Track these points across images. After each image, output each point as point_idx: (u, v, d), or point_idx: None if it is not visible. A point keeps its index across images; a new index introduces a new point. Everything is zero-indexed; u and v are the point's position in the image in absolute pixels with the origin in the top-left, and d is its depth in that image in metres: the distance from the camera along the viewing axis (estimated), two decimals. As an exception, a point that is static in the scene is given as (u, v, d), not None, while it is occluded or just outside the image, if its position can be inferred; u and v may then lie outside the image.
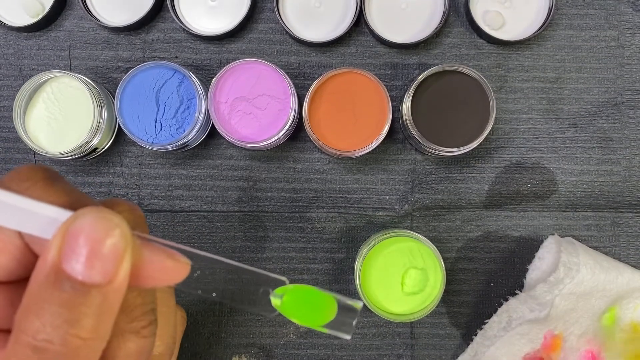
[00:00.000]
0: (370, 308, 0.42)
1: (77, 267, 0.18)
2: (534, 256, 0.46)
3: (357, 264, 0.43)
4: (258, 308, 0.24)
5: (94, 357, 0.20)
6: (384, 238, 0.43)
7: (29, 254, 0.21)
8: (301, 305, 0.24)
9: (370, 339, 0.46)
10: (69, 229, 0.19)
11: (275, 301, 0.24)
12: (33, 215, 0.19)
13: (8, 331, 0.20)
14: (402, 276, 0.43)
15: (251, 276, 0.23)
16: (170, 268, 0.21)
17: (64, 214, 0.19)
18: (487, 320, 0.44)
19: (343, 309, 0.25)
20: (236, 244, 0.47)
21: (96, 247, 0.19)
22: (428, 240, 0.43)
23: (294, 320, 0.24)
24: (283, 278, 0.24)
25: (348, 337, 0.25)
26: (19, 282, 0.21)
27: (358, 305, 0.25)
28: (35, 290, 0.19)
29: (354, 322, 0.25)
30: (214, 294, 0.23)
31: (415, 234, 0.43)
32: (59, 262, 0.18)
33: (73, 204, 0.20)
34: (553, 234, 0.46)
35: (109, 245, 0.19)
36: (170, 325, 0.28)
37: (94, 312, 0.19)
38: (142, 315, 0.22)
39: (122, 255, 0.19)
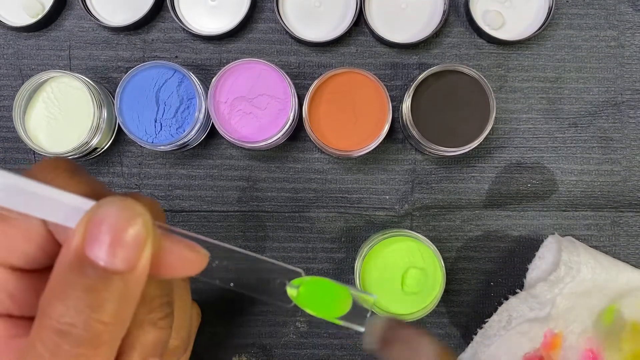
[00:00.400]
0: (370, 308, 0.42)
1: (99, 254, 0.19)
2: (534, 255, 0.46)
3: (357, 264, 0.43)
4: (274, 298, 0.24)
5: (114, 343, 0.20)
6: (384, 238, 0.43)
7: (53, 243, 0.22)
8: (317, 297, 0.25)
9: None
10: (92, 217, 0.19)
11: (291, 292, 0.24)
12: (57, 204, 0.20)
13: (31, 319, 0.20)
14: (402, 276, 0.43)
15: (268, 267, 0.24)
16: (189, 259, 0.22)
17: (87, 203, 0.20)
18: (487, 320, 0.44)
19: (358, 301, 0.25)
20: (236, 244, 0.46)
21: (119, 235, 0.19)
22: (428, 240, 0.43)
23: (309, 311, 0.25)
24: (299, 270, 0.24)
25: (362, 329, 0.25)
26: (42, 270, 0.21)
27: (372, 298, 0.25)
28: (60, 276, 0.19)
29: (368, 315, 0.25)
30: (231, 284, 0.24)
31: (415, 233, 0.43)
32: (83, 249, 0.19)
33: (96, 195, 0.21)
34: (553, 233, 0.46)
35: (132, 233, 0.19)
36: (186, 320, 0.28)
37: (115, 298, 0.19)
38: (159, 307, 0.23)
39: (144, 244, 0.20)
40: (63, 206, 0.20)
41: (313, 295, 0.24)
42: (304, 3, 0.47)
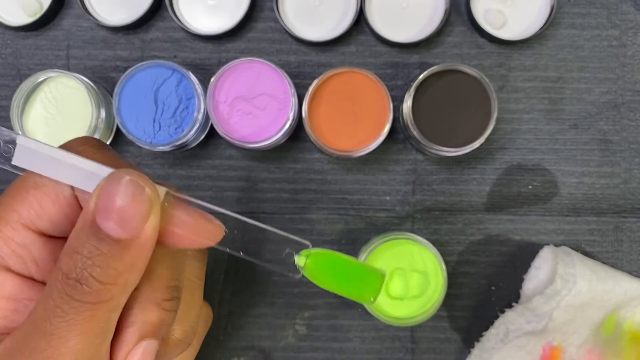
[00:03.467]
0: (370, 311, 0.42)
1: (106, 222, 0.21)
2: (529, 265, 0.46)
3: (358, 266, 0.43)
4: (283, 268, 0.25)
5: (114, 304, 0.22)
6: (385, 241, 0.42)
7: (78, 210, 0.24)
8: (325, 269, 0.25)
9: (369, 343, 0.46)
10: (104, 186, 0.22)
11: (299, 261, 0.25)
12: (81, 171, 0.23)
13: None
14: (403, 279, 0.43)
15: (277, 238, 0.25)
16: (204, 229, 0.24)
17: (106, 170, 0.22)
18: (484, 333, 0.43)
19: (367, 276, 0.25)
20: (236, 245, 0.46)
21: (123, 207, 0.21)
22: (429, 243, 0.42)
23: (317, 283, 0.25)
24: (307, 242, 0.25)
25: (372, 303, 0.26)
26: (65, 239, 0.23)
27: (382, 274, 0.25)
28: (75, 235, 0.22)
29: (378, 290, 0.25)
30: (241, 252, 0.25)
31: (417, 236, 0.42)
32: (94, 214, 0.21)
33: (116, 166, 0.23)
34: (549, 244, 0.45)
35: (136, 206, 0.21)
36: (193, 313, 0.29)
37: (116, 263, 0.21)
38: (165, 289, 0.24)
39: (147, 216, 0.22)
40: (85, 173, 0.22)
41: (321, 268, 0.25)
42: (304, 2, 0.47)
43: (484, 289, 0.46)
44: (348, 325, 0.46)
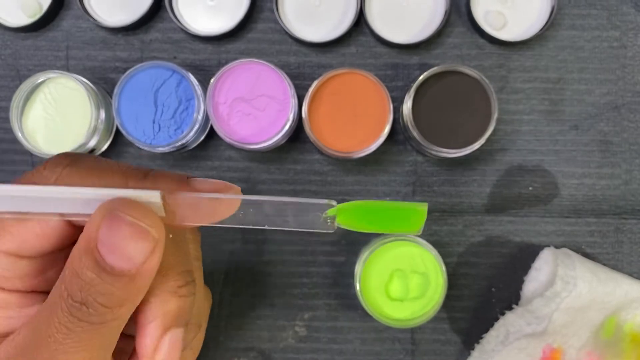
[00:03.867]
0: (370, 313, 0.42)
1: (109, 255, 0.21)
2: (529, 267, 0.45)
3: (358, 268, 0.43)
4: (315, 228, 0.24)
5: (120, 322, 0.22)
6: (385, 242, 0.42)
7: (67, 227, 0.23)
8: (357, 221, 0.24)
9: (370, 345, 0.46)
10: (105, 221, 0.21)
11: (332, 212, 0.23)
12: (63, 201, 0.22)
13: (39, 292, 0.24)
14: (403, 281, 0.43)
15: (298, 207, 0.23)
16: (219, 200, 0.23)
17: (91, 193, 0.22)
18: (484, 335, 0.43)
19: (404, 212, 0.24)
20: (235, 247, 0.46)
21: (127, 246, 0.21)
22: (430, 245, 0.42)
23: (358, 230, 0.24)
24: (329, 201, 0.23)
25: (418, 233, 0.24)
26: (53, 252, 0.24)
27: (421, 207, 0.23)
28: (78, 257, 0.21)
29: (421, 222, 0.23)
30: (265, 225, 0.24)
31: (417, 238, 0.42)
32: (96, 244, 0.21)
33: (100, 179, 0.23)
34: (549, 246, 0.45)
35: (140, 247, 0.21)
36: (199, 296, 0.29)
37: (122, 291, 0.21)
38: (178, 275, 0.24)
39: (151, 254, 0.21)
40: (69, 201, 0.22)
41: (353, 221, 0.23)
42: (304, 3, 0.47)
43: (484, 290, 0.46)
44: (348, 327, 0.46)
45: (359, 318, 0.46)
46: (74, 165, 0.23)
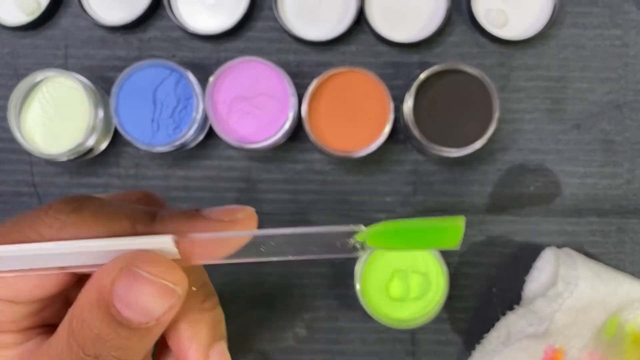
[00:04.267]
0: (370, 314, 0.42)
1: (127, 310, 0.20)
2: (531, 267, 0.45)
3: (358, 269, 0.43)
4: (341, 254, 0.22)
5: None
6: (385, 242, 0.42)
7: (68, 277, 0.22)
8: (388, 244, 0.22)
9: (370, 345, 0.46)
10: (123, 276, 0.20)
11: (359, 248, 0.22)
12: (68, 256, 0.21)
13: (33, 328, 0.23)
14: (404, 281, 0.42)
15: (322, 237, 0.22)
16: (235, 221, 0.23)
17: (102, 245, 0.21)
18: (485, 335, 0.43)
19: (439, 230, 0.22)
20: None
21: (147, 304, 0.20)
22: (430, 244, 0.42)
23: (389, 249, 0.23)
24: (354, 227, 0.22)
25: (455, 249, 0.22)
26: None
27: (457, 222, 0.21)
28: (88, 308, 0.20)
29: (459, 237, 0.21)
30: (289, 256, 0.23)
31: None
32: (112, 298, 0.20)
33: (110, 228, 0.21)
34: (551, 246, 0.45)
35: (162, 303, 0.20)
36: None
37: (140, 344, 0.21)
38: (197, 292, 0.24)
39: (172, 308, 0.21)
40: (72, 255, 0.21)
41: (383, 244, 0.22)
42: (304, 1, 0.46)
43: (485, 290, 0.46)
44: (348, 328, 0.46)
45: (359, 318, 0.46)
46: (78, 211, 0.22)
